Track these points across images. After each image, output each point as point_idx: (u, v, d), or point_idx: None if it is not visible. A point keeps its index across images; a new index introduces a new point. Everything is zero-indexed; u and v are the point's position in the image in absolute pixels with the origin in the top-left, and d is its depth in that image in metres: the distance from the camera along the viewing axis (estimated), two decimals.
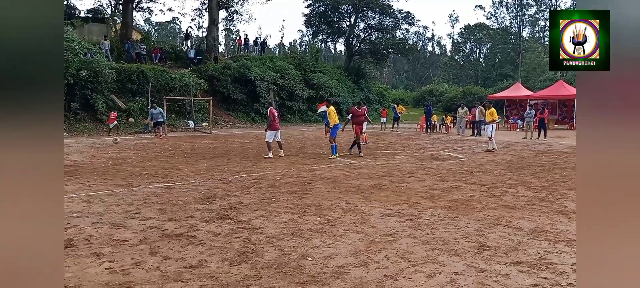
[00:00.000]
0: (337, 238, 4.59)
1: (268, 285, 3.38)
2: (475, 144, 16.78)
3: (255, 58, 32.53)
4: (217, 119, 25.70)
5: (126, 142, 16.08)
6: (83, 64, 19.69)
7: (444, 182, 8.12)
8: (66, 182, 7.71)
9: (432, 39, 80.00)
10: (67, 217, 5.32)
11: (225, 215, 5.52)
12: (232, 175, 8.67)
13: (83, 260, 3.84)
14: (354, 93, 36.38)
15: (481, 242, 4.53)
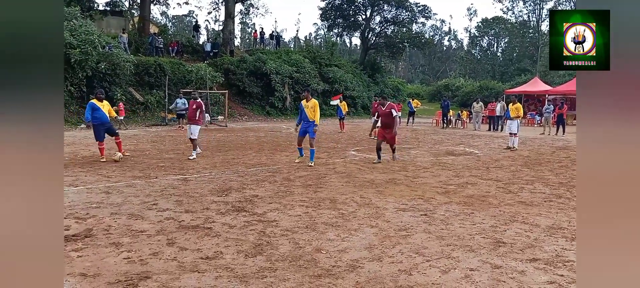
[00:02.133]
0: (351, 232, 4.61)
1: (283, 278, 3.41)
2: (492, 139, 16.58)
3: (271, 52, 32.61)
4: (233, 112, 25.88)
5: (143, 134, 16.31)
6: (102, 56, 19.97)
7: (460, 177, 8.06)
8: (86, 173, 7.88)
9: (449, 33, 79.11)
10: (86, 207, 5.45)
11: (241, 207, 5.57)
12: (247, 168, 8.74)
13: (102, 250, 3.93)
14: (369, 87, 36.23)
15: (497, 238, 4.50)
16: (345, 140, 15.25)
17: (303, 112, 9.33)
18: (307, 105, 9.27)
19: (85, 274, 3.37)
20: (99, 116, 9.52)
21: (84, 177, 7.51)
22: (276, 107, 28.23)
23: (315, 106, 9.27)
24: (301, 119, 9.42)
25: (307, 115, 9.23)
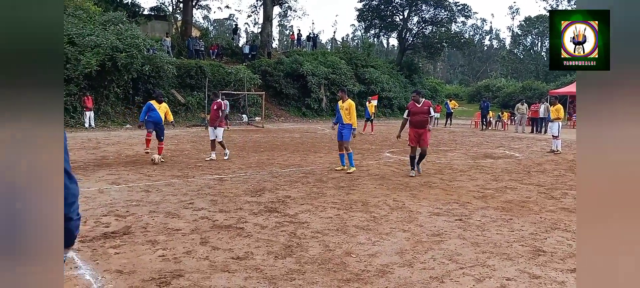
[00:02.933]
0: (382, 236, 4.55)
1: (311, 281, 3.41)
2: (534, 141, 15.94)
3: (308, 53, 32.81)
4: (269, 113, 26.22)
5: (184, 134, 16.81)
6: (146, 59, 20.73)
7: (498, 182, 7.79)
8: (128, 171, 8.20)
9: (490, 32, 76.82)
10: (126, 205, 5.66)
11: (273, 208, 5.62)
12: (281, 169, 8.82)
13: (139, 247, 4.07)
14: (406, 88, 35.71)
15: (536, 247, 4.31)
16: (380, 142, 15.11)
17: (338, 113, 8.83)
18: (342, 106, 8.72)
19: (121, 271, 3.50)
20: (154, 116, 10.04)
21: (126, 175, 7.82)
22: (312, 108, 28.35)
23: (350, 107, 8.61)
24: (337, 120, 8.91)
25: (342, 116, 8.67)
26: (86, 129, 17.84)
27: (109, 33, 19.54)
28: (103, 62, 18.43)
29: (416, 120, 8.17)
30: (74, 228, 1.62)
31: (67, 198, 1.53)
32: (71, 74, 18.01)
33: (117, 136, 15.35)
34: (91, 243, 4.14)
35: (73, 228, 1.61)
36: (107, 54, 18.63)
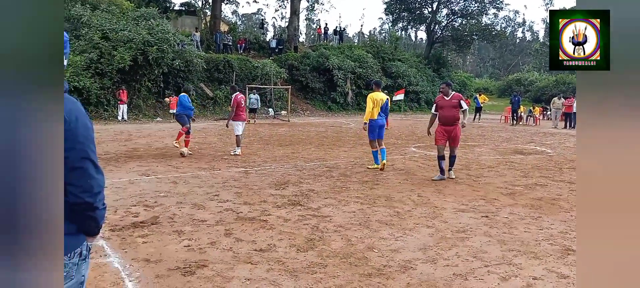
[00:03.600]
0: (405, 232, 4.51)
1: (332, 274, 3.42)
2: (567, 137, 15.43)
3: (334, 47, 32.72)
4: (295, 107, 26.34)
5: (212, 127, 17.09)
6: (176, 54, 21.16)
7: (528, 178, 7.59)
8: (158, 163, 8.41)
9: (523, 24, 74.49)
10: (155, 195, 5.82)
11: (296, 201, 5.66)
12: (306, 163, 8.86)
13: (165, 237, 4.18)
14: (434, 82, 35.14)
15: (566, 246, 4.18)
16: (406, 136, 14.95)
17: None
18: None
19: (148, 260, 3.60)
20: (189, 110, 10.14)
21: (155, 167, 8.03)
22: (338, 103, 28.29)
23: (367, 101, 8.00)
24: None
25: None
26: (119, 122, 18.40)
27: (140, 28, 20.02)
28: (135, 56, 18.93)
29: (445, 115, 7.23)
30: (100, 218, 1.67)
31: (93, 188, 1.58)
32: (105, 68, 18.59)
33: (148, 129, 15.76)
34: (120, 232, 4.28)
35: (99, 217, 1.66)
36: (139, 49, 19.12)
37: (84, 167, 1.55)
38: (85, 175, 1.56)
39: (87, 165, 1.56)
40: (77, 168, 1.53)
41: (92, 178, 1.57)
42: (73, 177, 1.53)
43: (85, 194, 1.56)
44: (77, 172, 1.53)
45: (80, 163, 1.54)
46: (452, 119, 7.25)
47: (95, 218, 1.64)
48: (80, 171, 1.54)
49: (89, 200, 1.57)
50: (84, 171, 1.55)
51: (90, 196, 1.57)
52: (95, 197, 1.59)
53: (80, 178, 1.55)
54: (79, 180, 1.55)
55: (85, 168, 1.56)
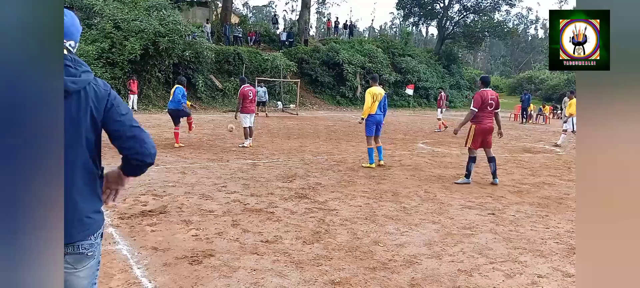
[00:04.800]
0: (411, 227, 4.52)
1: (338, 267, 3.45)
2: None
3: (344, 41, 32.62)
4: (304, 101, 26.35)
5: (221, 119, 17.18)
6: (187, 45, 21.23)
7: (536, 177, 7.55)
8: (167, 153, 8.49)
9: (536, 22, 73.59)
10: (163, 185, 5.88)
11: (303, 194, 5.69)
12: (313, 156, 8.89)
13: (173, 226, 4.24)
14: (444, 78, 34.93)
15: (572, 245, 4.16)
16: (414, 132, 14.91)
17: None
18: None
19: (156, 248, 3.66)
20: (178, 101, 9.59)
21: (164, 157, 8.11)
22: (347, 97, 28.26)
23: (366, 96, 7.76)
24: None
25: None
26: None
27: (152, 18, 20.10)
28: (146, 46, 19.03)
29: (482, 118, 6.69)
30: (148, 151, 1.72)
31: (150, 150, 1.70)
32: (116, 58, 18.72)
33: (158, 119, 15.88)
34: (129, 221, 4.35)
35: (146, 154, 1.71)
36: (150, 39, 19.20)
37: (136, 135, 1.66)
38: (139, 141, 1.67)
39: (138, 132, 1.67)
40: (131, 138, 1.65)
41: (146, 142, 1.68)
42: (131, 146, 1.66)
43: (147, 157, 1.69)
44: (132, 141, 1.65)
45: (132, 131, 1.66)
46: (488, 125, 6.85)
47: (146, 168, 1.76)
48: (134, 139, 1.66)
49: (150, 161, 1.71)
50: (137, 138, 1.66)
51: (150, 157, 1.70)
52: (153, 156, 1.71)
53: (138, 145, 1.67)
54: (138, 148, 1.66)
55: (137, 135, 1.67)
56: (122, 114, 1.66)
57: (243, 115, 9.84)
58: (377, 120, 7.73)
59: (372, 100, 7.61)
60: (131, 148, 1.66)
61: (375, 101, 7.64)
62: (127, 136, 1.66)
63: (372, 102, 7.61)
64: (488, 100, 6.67)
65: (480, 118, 6.69)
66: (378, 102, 7.67)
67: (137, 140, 1.66)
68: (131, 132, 1.66)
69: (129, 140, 1.66)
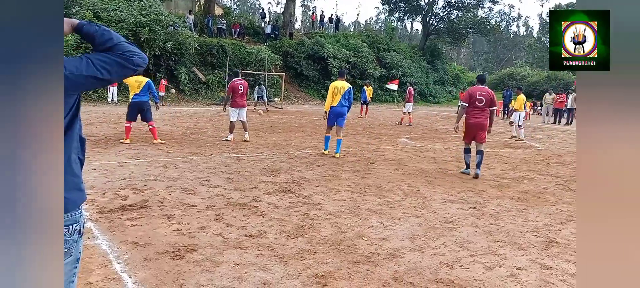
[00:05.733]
0: (395, 221, 4.56)
1: (321, 261, 3.45)
2: (556, 132, 15.60)
3: (330, 35, 32.57)
4: (289, 95, 26.26)
5: (204, 112, 17.01)
6: (169, 36, 20.91)
7: (516, 171, 7.68)
8: (148, 147, 8.37)
9: (518, 19, 74.66)
10: (144, 179, 5.80)
11: (288, 188, 5.68)
12: (298, 151, 8.87)
13: (155, 221, 4.18)
14: (428, 74, 35.23)
15: (550, 238, 4.26)
16: (398, 127, 15.00)
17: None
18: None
19: (136, 243, 3.61)
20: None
21: (145, 150, 7.99)
22: None
23: (329, 90, 8.35)
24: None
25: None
26: (109, 104, 18.23)
27: (133, 8, 19.73)
28: (126, 37, 18.62)
29: (477, 114, 6.98)
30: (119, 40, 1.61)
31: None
32: None
33: None
34: (109, 215, 4.27)
35: (122, 41, 1.62)
36: (131, 29, 18.85)
37: (94, 76, 1.53)
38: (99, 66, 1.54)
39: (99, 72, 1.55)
40: (92, 78, 1.52)
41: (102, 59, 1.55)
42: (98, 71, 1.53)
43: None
44: (92, 81, 1.53)
45: (94, 72, 1.53)
46: (484, 121, 7.11)
47: (122, 46, 1.60)
48: (93, 79, 1.53)
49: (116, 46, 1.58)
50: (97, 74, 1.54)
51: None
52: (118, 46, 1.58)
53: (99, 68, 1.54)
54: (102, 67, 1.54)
55: (96, 75, 1.54)
56: (83, 75, 1.53)
57: (232, 110, 9.60)
58: (337, 112, 8.14)
59: (333, 94, 8.12)
60: (103, 70, 1.54)
61: (336, 94, 8.10)
62: (90, 76, 1.53)
63: (333, 95, 8.12)
64: (476, 96, 6.88)
65: (469, 114, 7.00)
66: (340, 95, 8.08)
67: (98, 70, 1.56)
68: (94, 73, 1.55)
69: (94, 80, 1.54)
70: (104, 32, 1.59)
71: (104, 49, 1.56)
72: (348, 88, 8.20)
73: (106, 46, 1.57)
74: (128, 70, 1.58)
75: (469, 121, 7.00)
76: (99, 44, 1.57)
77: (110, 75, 1.55)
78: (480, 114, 6.93)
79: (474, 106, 6.91)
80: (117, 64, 1.56)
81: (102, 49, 1.56)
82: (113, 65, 1.55)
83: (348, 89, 8.19)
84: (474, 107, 6.91)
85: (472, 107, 6.93)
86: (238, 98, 9.49)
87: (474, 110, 6.93)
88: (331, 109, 8.18)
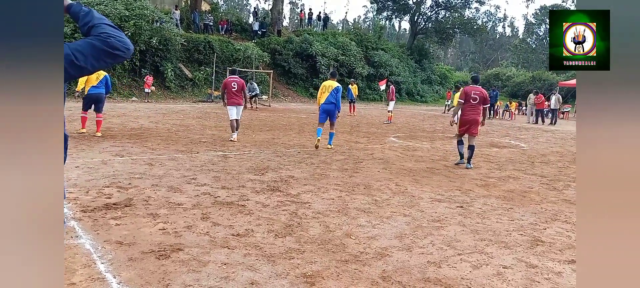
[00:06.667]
0: (383, 220, 4.56)
1: (309, 260, 3.43)
2: (541, 132, 15.82)
3: (318, 33, 32.52)
4: (277, 92, 26.17)
5: (190, 110, 16.84)
6: (154, 31, 20.63)
7: (502, 171, 7.76)
8: (132, 144, 8.25)
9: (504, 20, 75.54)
10: (129, 177, 5.71)
11: (276, 187, 5.65)
12: (286, 149, 8.83)
13: (140, 220, 4.11)
14: (416, 73, 35.44)
15: (535, 237, 4.30)
16: (387, 126, 15.06)
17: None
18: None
19: (121, 242, 3.54)
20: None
21: (130, 148, 7.87)
22: None
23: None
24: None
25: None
26: None
27: (117, 2, 19.42)
28: None
29: (471, 112, 7.75)
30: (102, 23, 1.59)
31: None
32: None
33: (123, 108, 15.42)
34: (92, 214, 4.19)
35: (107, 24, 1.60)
36: (115, 24, 18.54)
37: (68, 60, 1.49)
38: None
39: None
40: (66, 62, 1.47)
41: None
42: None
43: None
44: (67, 66, 1.48)
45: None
46: (474, 118, 7.85)
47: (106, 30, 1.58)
48: (68, 65, 1.48)
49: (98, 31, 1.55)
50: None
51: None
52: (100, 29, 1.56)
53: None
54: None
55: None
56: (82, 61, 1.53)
57: (229, 108, 9.45)
58: (326, 109, 8.85)
59: (322, 92, 8.92)
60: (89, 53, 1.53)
61: (324, 92, 8.86)
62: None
63: (321, 93, 8.92)
64: (471, 94, 7.66)
65: (464, 110, 7.77)
66: (327, 92, 8.82)
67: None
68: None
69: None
70: (87, 12, 1.54)
71: (85, 32, 1.52)
72: (335, 86, 8.84)
73: (87, 26, 1.53)
74: (105, 54, 1.51)
75: (464, 117, 7.71)
76: (81, 25, 1.53)
77: (86, 61, 1.48)
78: (474, 110, 7.66)
79: (469, 103, 7.63)
80: (92, 47, 1.49)
81: (85, 31, 1.52)
82: (88, 48, 1.48)
83: (335, 87, 8.81)
84: (469, 104, 7.63)
85: (467, 104, 7.65)
86: (231, 95, 9.36)
87: (469, 107, 7.65)
88: (321, 106, 8.87)
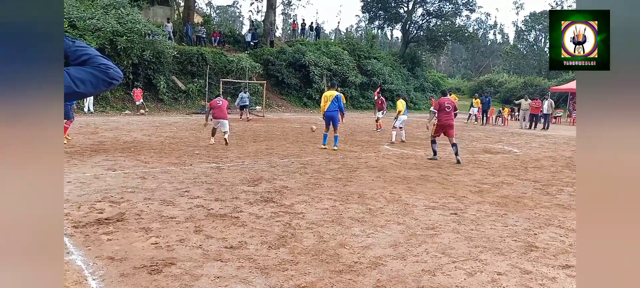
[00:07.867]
0: (377, 229, 4.55)
1: (303, 271, 3.41)
2: (533, 138, 15.92)
3: (310, 43, 32.62)
4: (270, 103, 26.16)
5: (183, 122, 16.79)
6: (147, 45, 20.61)
7: (495, 177, 7.79)
8: (125, 158, 8.20)
9: (495, 27, 76.34)
10: (121, 191, 5.66)
11: (269, 198, 5.63)
12: (280, 159, 8.81)
13: (132, 234, 4.07)
14: (408, 81, 35.63)
15: (529, 242, 4.31)
16: (380, 134, 15.09)
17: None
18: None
19: (112, 258, 3.50)
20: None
21: (122, 161, 7.82)
22: (313, 99, 28.27)
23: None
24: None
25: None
26: (85, 114, 17.84)
27: (110, 17, 19.42)
28: (103, 46, 18.35)
29: (446, 119, 9.44)
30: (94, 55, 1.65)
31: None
32: None
33: (116, 122, 15.35)
34: (84, 229, 4.15)
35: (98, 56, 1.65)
36: (107, 38, 18.54)
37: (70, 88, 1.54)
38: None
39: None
40: (68, 91, 1.53)
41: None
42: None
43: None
44: (68, 94, 1.54)
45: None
46: (448, 123, 9.55)
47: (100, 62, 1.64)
48: (69, 93, 1.53)
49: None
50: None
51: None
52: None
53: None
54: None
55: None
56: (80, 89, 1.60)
57: (214, 120, 10.67)
58: (330, 116, 10.27)
59: (325, 101, 10.36)
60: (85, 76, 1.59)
61: (327, 101, 10.30)
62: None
63: (325, 102, 10.35)
64: (445, 104, 9.40)
65: (440, 117, 9.39)
66: (329, 102, 10.24)
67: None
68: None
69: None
70: (78, 47, 1.64)
71: (79, 63, 1.60)
72: (336, 94, 10.36)
73: (81, 60, 1.62)
74: (103, 82, 1.62)
75: (441, 122, 9.36)
76: (74, 60, 1.61)
77: (85, 88, 1.59)
78: (448, 116, 9.37)
79: (444, 112, 9.34)
80: (92, 76, 1.60)
81: (78, 63, 1.58)
82: (89, 77, 1.59)
83: (336, 96, 10.31)
84: (444, 112, 9.34)
85: (441, 112, 9.35)
86: (217, 111, 10.61)
87: (444, 114, 9.33)
88: (325, 113, 10.30)
